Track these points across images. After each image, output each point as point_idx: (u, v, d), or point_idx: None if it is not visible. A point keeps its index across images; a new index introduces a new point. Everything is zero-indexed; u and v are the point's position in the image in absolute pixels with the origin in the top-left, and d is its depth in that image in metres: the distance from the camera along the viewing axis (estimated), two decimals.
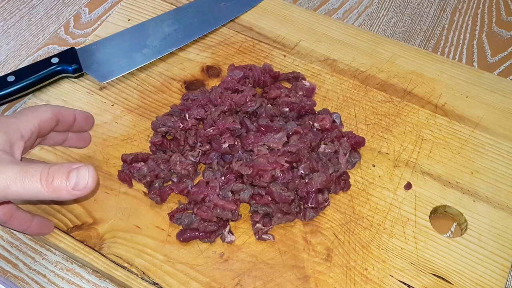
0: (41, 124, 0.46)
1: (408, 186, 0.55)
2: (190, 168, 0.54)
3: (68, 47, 0.65)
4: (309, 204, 0.52)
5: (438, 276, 0.49)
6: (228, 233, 0.51)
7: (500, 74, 0.69)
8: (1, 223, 0.46)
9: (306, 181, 0.52)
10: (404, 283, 0.49)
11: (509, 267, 0.50)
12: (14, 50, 0.71)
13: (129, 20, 0.70)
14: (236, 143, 0.54)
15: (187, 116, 0.57)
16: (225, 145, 0.54)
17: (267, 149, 0.53)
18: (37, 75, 0.60)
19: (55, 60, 0.62)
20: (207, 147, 0.55)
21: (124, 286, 0.49)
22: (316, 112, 0.59)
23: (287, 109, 0.58)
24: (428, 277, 0.49)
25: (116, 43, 0.66)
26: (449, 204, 0.54)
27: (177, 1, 0.72)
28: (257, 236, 0.51)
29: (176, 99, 0.62)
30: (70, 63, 0.62)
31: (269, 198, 0.51)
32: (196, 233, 0.50)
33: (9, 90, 0.59)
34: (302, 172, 0.52)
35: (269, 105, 0.58)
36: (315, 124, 0.57)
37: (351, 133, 0.57)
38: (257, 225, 0.51)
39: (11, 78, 0.59)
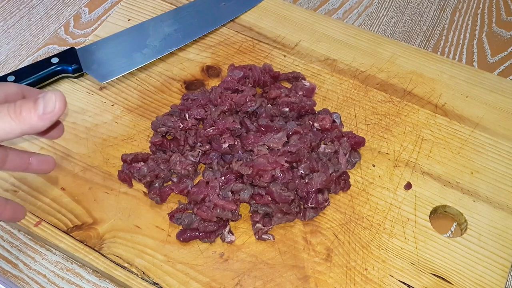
0: (7, 95, 0.45)
1: (408, 186, 0.55)
2: (190, 168, 0.54)
3: (68, 47, 0.65)
4: (309, 204, 0.52)
5: (438, 276, 0.49)
6: (228, 233, 0.51)
7: (500, 74, 0.69)
8: None
9: (306, 181, 0.52)
10: (404, 283, 0.49)
11: (509, 267, 0.50)
12: (14, 50, 0.71)
13: (129, 20, 0.70)
14: (236, 143, 0.54)
15: (187, 116, 0.57)
16: (225, 145, 0.54)
17: (267, 149, 0.53)
18: (37, 75, 0.60)
19: (55, 60, 0.62)
20: (207, 147, 0.55)
21: (124, 286, 0.49)
22: (316, 112, 0.59)
23: (287, 109, 0.58)
24: (428, 277, 0.49)
25: (116, 43, 0.66)
26: (449, 204, 0.54)
27: (177, 1, 0.72)
28: (257, 236, 0.51)
29: (176, 99, 0.62)
30: (70, 63, 0.62)
31: (269, 198, 0.51)
32: (196, 233, 0.50)
33: None
34: (302, 172, 0.52)
35: (269, 105, 0.58)
36: (315, 124, 0.57)
37: (351, 133, 0.57)
38: (257, 225, 0.51)
39: (11, 78, 0.59)
